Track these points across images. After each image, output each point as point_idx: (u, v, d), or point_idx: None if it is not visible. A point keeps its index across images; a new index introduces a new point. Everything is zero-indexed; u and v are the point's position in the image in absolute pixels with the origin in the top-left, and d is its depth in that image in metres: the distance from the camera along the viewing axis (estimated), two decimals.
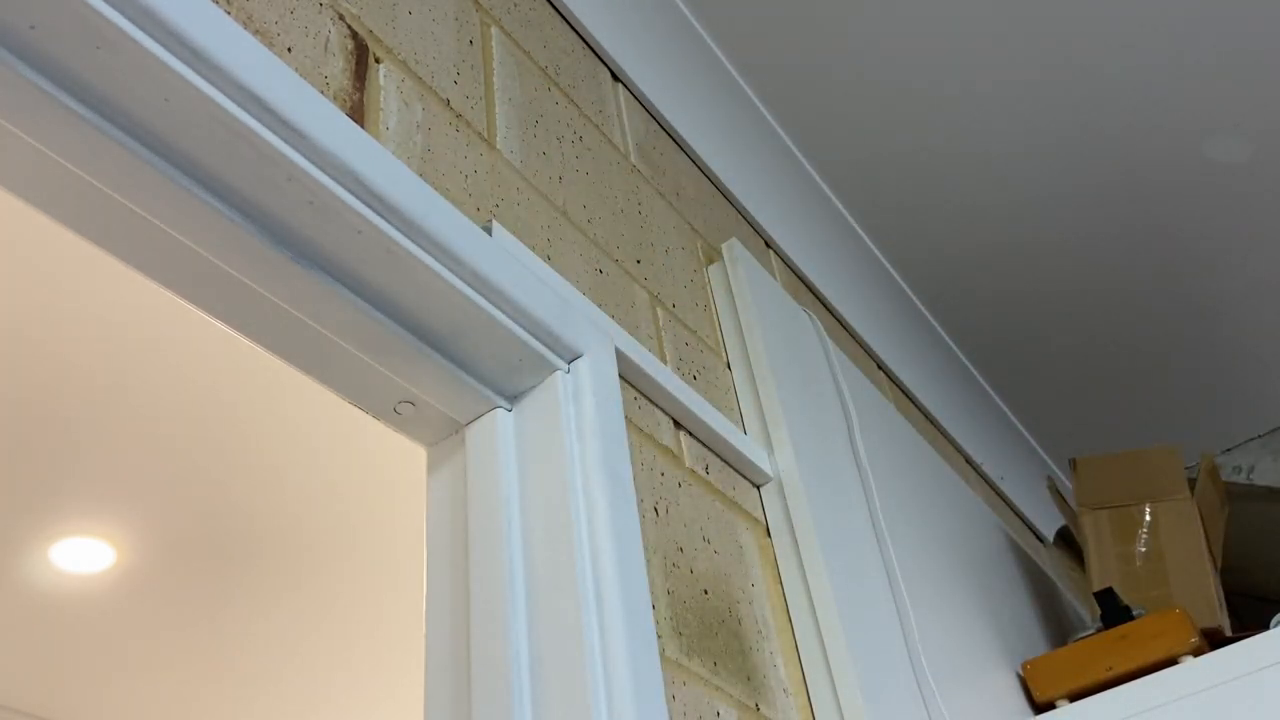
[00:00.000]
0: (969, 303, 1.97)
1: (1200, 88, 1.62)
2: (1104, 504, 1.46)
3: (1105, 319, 2.04)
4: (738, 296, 1.24)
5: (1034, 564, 1.84)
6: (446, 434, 0.82)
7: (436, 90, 0.88)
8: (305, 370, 0.74)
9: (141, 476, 1.97)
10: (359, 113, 0.76)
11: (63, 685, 2.49)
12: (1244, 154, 1.73)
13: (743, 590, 0.93)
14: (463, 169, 0.86)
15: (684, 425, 0.99)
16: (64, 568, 2.14)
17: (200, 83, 0.57)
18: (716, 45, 1.49)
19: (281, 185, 0.62)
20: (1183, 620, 1.19)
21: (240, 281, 0.66)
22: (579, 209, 1.03)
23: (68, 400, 1.80)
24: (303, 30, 0.75)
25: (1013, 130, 1.66)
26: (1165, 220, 1.84)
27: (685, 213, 1.32)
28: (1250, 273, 1.96)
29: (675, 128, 1.40)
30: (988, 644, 1.33)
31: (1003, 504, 2.10)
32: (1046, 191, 1.77)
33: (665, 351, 1.05)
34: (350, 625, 2.44)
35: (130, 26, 0.54)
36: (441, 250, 0.70)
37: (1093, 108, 1.64)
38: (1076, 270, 1.93)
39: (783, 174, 1.63)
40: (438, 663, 0.72)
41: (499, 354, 0.77)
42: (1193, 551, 1.39)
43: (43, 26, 0.53)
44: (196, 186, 0.61)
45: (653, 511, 0.85)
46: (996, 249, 1.86)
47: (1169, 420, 2.26)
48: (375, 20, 0.85)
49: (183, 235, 0.63)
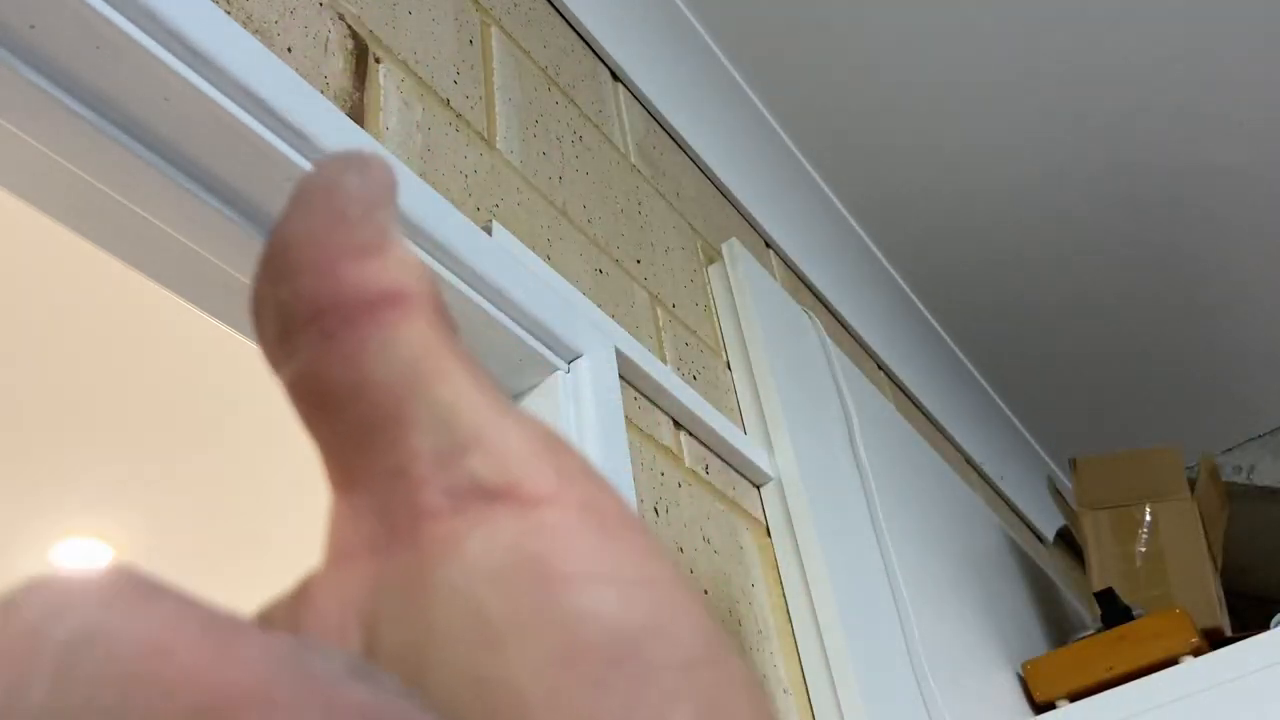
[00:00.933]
0: (969, 303, 1.97)
1: (1201, 88, 1.62)
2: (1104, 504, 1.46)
3: (1105, 319, 2.04)
4: (738, 296, 1.24)
5: (1034, 564, 1.84)
6: None
7: (436, 90, 0.88)
8: None
9: (141, 477, 1.97)
10: (359, 112, 0.76)
11: None
12: (1244, 154, 1.73)
13: (743, 590, 0.93)
14: (463, 169, 0.86)
15: (684, 425, 0.99)
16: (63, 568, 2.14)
17: (200, 83, 0.57)
18: (716, 45, 1.49)
19: (281, 185, 0.62)
20: (1183, 620, 1.19)
21: (240, 282, 0.66)
22: (579, 209, 1.03)
23: (67, 400, 1.80)
24: (303, 30, 0.75)
25: (1013, 131, 1.66)
26: (1166, 221, 1.84)
27: (685, 213, 1.32)
28: (1250, 273, 1.96)
29: (675, 128, 1.40)
30: (988, 644, 1.33)
31: (1003, 504, 2.10)
32: (1047, 192, 1.77)
33: (665, 351, 1.05)
34: None
35: (130, 26, 0.54)
36: (441, 250, 0.70)
37: (1093, 108, 1.64)
38: (1077, 270, 1.93)
39: (783, 174, 1.63)
40: None
41: (499, 354, 0.77)
42: (1193, 551, 1.39)
43: (43, 26, 0.53)
44: (196, 186, 0.61)
45: (653, 511, 0.85)
46: (997, 249, 1.86)
47: (1169, 420, 2.26)
48: (375, 20, 0.85)
49: (183, 235, 0.63)
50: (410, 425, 0.13)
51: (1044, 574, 1.86)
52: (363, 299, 0.13)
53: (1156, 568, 1.39)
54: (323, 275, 0.13)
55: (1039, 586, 1.78)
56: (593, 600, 0.12)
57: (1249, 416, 2.37)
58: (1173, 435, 2.14)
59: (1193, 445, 2.12)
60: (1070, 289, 1.96)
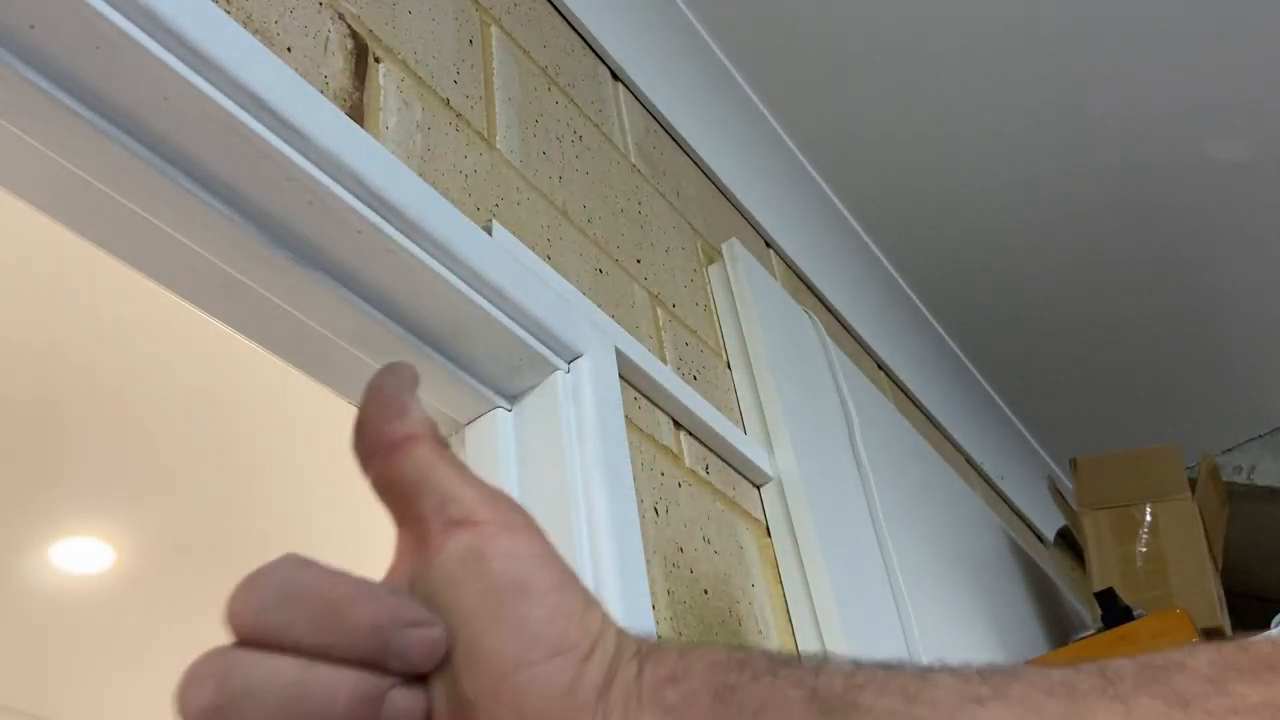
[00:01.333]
0: (969, 302, 1.97)
1: (1201, 87, 1.62)
2: (1104, 504, 1.46)
3: (1106, 319, 2.04)
4: (738, 296, 1.24)
5: (1034, 564, 1.84)
6: (446, 434, 0.82)
7: (436, 90, 0.88)
8: (305, 370, 0.74)
9: (141, 476, 1.97)
10: (359, 112, 0.76)
11: (62, 685, 2.49)
12: (1244, 154, 1.73)
13: (743, 590, 0.93)
14: (462, 169, 0.86)
15: (684, 425, 0.99)
16: (64, 568, 2.14)
17: (200, 82, 0.57)
18: (716, 45, 1.49)
19: (281, 185, 0.62)
20: (1183, 620, 1.19)
21: (240, 281, 0.66)
22: (579, 209, 1.03)
23: (67, 400, 1.80)
24: (302, 30, 0.74)
25: (1014, 131, 1.66)
26: (1166, 220, 1.84)
27: (685, 213, 1.32)
28: (1250, 272, 1.96)
29: (675, 128, 1.40)
30: (988, 644, 1.33)
31: (1003, 504, 2.10)
32: (1048, 192, 1.77)
33: (665, 351, 1.05)
34: None
35: (130, 26, 0.54)
36: (441, 250, 0.70)
37: (1094, 108, 1.64)
38: (1077, 270, 1.93)
39: (783, 174, 1.63)
40: None
41: (499, 354, 0.77)
42: (1193, 551, 1.39)
43: (43, 26, 0.53)
44: (196, 186, 0.61)
45: (653, 511, 0.85)
46: (997, 249, 1.86)
47: (1169, 420, 2.25)
48: (375, 20, 0.85)
49: (183, 235, 0.63)
50: (422, 496, 0.29)
51: (1044, 574, 1.86)
52: (395, 440, 0.30)
53: (1157, 568, 1.39)
54: (377, 430, 0.30)
55: (1039, 587, 1.78)
56: (499, 564, 0.28)
57: (1249, 416, 2.37)
58: (1173, 435, 2.14)
59: (1193, 445, 2.12)
60: (1071, 289, 1.96)
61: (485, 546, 0.28)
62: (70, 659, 2.41)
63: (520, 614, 0.26)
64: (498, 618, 0.26)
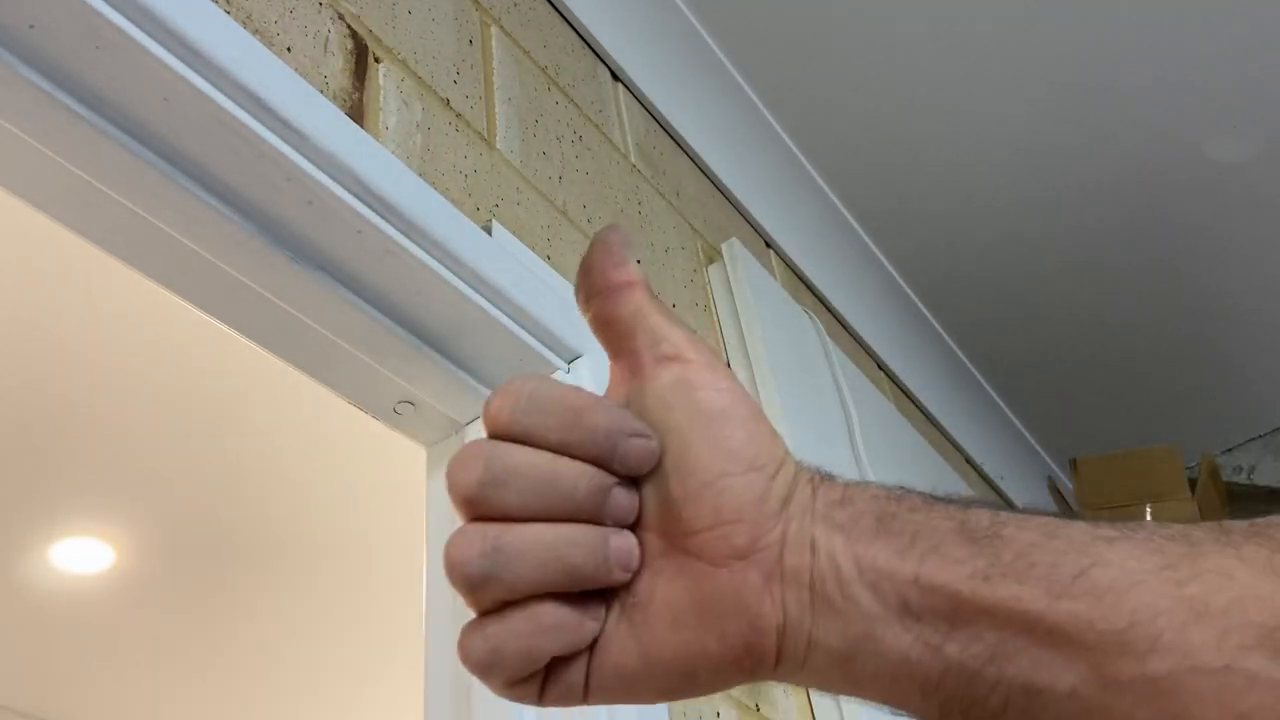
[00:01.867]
0: (969, 303, 1.97)
1: (1201, 87, 1.62)
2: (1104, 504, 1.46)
3: (1106, 319, 2.04)
4: (738, 296, 1.24)
5: None
6: (446, 434, 0.82)
7: (436, 90, 0.88)
8: (305, 370, 0.74)
9: (141, 477, 1.97)
10: (358, 112, 0.76)
11: (62, 685, 2.49)
12: (1245, 154, 1.73)
13: None
14: (462, 169, 0.86)
15: None
16: (63, 568, 2.14)
17: (200, 82, 0.57)
18: (716, 45, 1.49)
19: (281, 185, 0.62)
20: None
21: (240, 281, 0.66)
22: (579, 209, 1.03)
23: (67, 400, 1.80)
24: (302, 30, 0.75)
25: (1014, 130, 1.66)
26: (1166, 220, 1.84)
27: (685, 213, 1.32)
28: (1251, 273, 1.96)
29: (675, 128, 1.40)
30: None
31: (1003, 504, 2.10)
32: (1047, 192, 1.77)
33: None
34: (349, 625, 2.44)
35: (130, 26, 0.54)
36: (441, 250, 0.70)
37: (1095, 107, 1.64)
38: (1077, 270, 1.93)
39: (783, 174, 1.63)
40: (438, 663, 0.72)
41: (499, 354, 0.77)
42: None
43: (42, 26, 0.53)
44: (196, 186, 0.61)
45: None
46: (997, 249, 1.86)
47: (1169, 420, 2.25)
48: (375, 20, 0.85)
49: (183, 235, 0.63)
50: (638, 333, 0.34)
51: None
52: (618, 284, 0.34)
53: None
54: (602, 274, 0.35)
55: None
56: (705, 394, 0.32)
57: (1249, 416, 2.37)
58: (1173, 435, 2.14)
59: (1193, 445, 2.12)
60: (1071, 289, 1.96)
61: (694, 378, 0.32)
62: (70, 659, 2.42)
63: (724, 434, 0.31)
64: (705, 436, 0.31)
